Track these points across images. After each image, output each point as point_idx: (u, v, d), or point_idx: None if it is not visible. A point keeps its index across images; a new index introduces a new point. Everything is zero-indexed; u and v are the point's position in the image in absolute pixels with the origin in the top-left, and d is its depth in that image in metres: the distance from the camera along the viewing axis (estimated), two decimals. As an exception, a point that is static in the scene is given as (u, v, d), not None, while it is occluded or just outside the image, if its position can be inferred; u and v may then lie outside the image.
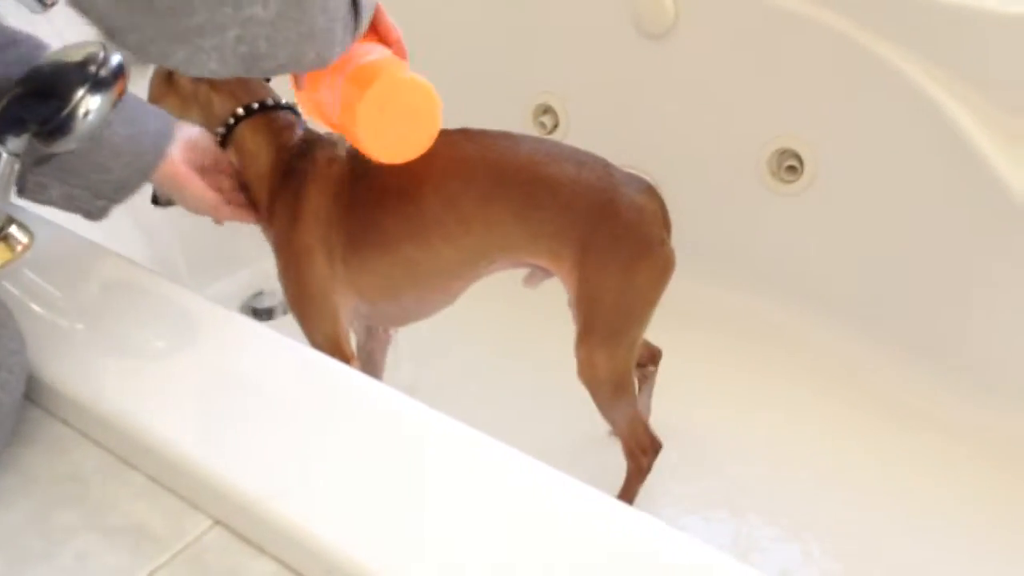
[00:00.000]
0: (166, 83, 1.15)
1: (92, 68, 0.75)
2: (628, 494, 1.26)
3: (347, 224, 1.10)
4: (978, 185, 1.33)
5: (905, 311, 1.47)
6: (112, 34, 0.66)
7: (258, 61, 0.67)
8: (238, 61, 0.66)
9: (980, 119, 1.33)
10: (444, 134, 1.05)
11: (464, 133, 1.11)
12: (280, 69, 0.70)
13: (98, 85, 0.75)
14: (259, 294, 1.70)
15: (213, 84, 1.12)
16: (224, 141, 1.12)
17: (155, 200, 1.15)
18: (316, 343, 1.13)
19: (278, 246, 1.13)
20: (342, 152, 1.12)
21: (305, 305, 1.13)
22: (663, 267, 1.12)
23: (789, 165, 1.52)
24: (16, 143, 0.79)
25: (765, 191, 1.55)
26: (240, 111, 1.12)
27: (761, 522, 1.31)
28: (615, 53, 1.62)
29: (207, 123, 1.13)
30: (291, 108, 1.15)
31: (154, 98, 1.16)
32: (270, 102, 1.13)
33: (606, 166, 1.11)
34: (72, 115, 0.76)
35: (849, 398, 1.46)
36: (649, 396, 1.39)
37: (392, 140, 0.90)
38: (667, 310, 1.55)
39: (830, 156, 1.48)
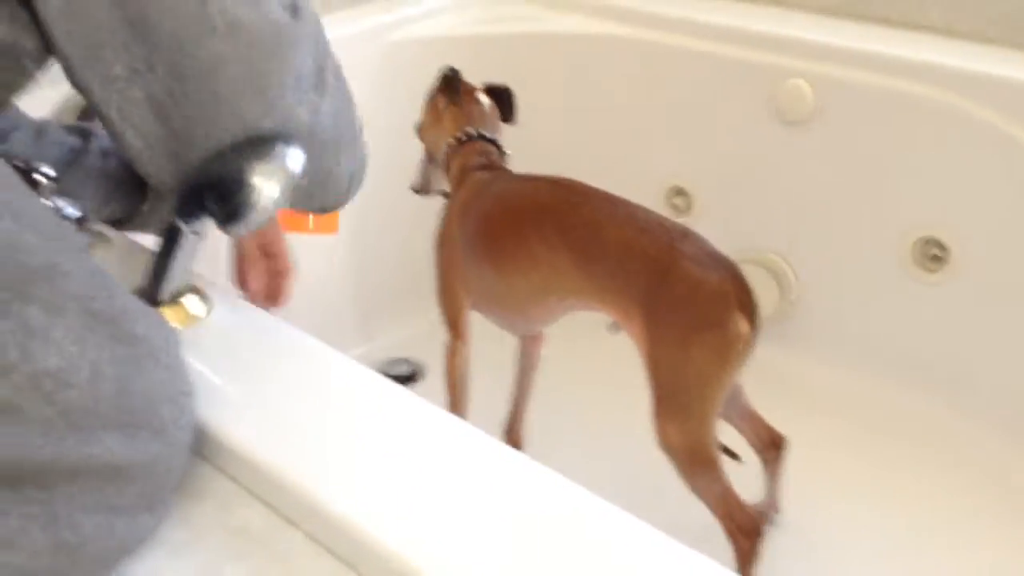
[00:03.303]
0: (432, 106, 1.45)
1: (271, 159, 0.80)
2: None
3: (464, 238, 1.31)
4: None
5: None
6: None
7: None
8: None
9: None
10: (535, 180, 1.29)
11: (552, 183, 1.27)
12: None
13: (276, 177, 0.80)
14: (394, 361, 1.76)
15: (450, 119, 1.41)
16: (447, 164, 1.40)
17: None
18: (443, 315, 1.38)
19: (435, 237, 1.38)
20: (479, 177, 1.33)
21: (439, 286, 1.37)
22: (722, 348, 1.11)
23: (934, 254, 1.49)
24: (197, 224, 0.86)
25: (908, 279, 1.53)
26: (452, 140, 1.38)
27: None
28: (752, 139, 1.64)
29: (437, 144, 1.44)
30: (492, 140, 1.39)
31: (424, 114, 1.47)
32: (476, 133, 1.38)
33: (675, 238, 1.13)
34: (248, 204, 0.80)
35: (990, 499, 1.39)
36: (776, 485, 1.35)
37: None
38: (801, 396, 1.54)
39: (976, 247, 1.45)
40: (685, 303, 1.11)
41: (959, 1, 1.54)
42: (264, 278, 1.11)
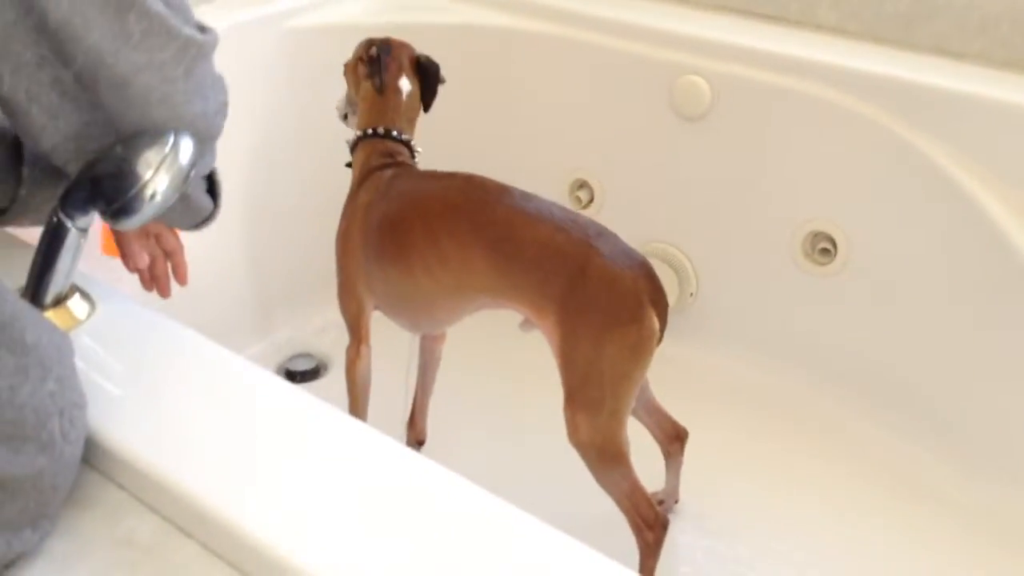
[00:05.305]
0: (353, 76, 1.40)
1: (163, 152, 0.78)
2: (645, 572, 1.25)
3: (367, 239, 1.28)
4: (1011, 273, 1.34)
5: (935, 395, 1.48)
6: None
7: None
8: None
9: (1012, 209, 1.35)
10: (444, 178, 1.26)
11: (463, 180, 1.25)
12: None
13: (167, 169, 0.79)
14: (296, 356, 1.73)
15: (365, 101, 1.36)
16: (352, 149, 1.36)
17: None
18: (344, 318, 1.35)
19: (336, 237, 1.34)
20: (383, 176, 1.29)
21: (341, 288, 1.34)
22: (636, 342, 1.12)
23: (823, 248, 1.54)
24: (84, 220, 0.83)
25: (799, 272, 1.57)
26: (368, 131, 1.33)
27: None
28: (652, 133, 1.67)
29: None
30: (404, 142, 1.34)
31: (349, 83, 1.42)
32: (391, 132, 1.33)
33: (590, 236, 1.14)
34: (139, 196, 0.79)
35: (881, 481, 1.46)
36: (676, 476, 1.39)
37: None
38: (697, 386, 1.58)
39: (863, 241, 1.51)
40: (600, 300, 1.12)
41: (850, 2, 1.59)
42: (148, 260, 1.07)
